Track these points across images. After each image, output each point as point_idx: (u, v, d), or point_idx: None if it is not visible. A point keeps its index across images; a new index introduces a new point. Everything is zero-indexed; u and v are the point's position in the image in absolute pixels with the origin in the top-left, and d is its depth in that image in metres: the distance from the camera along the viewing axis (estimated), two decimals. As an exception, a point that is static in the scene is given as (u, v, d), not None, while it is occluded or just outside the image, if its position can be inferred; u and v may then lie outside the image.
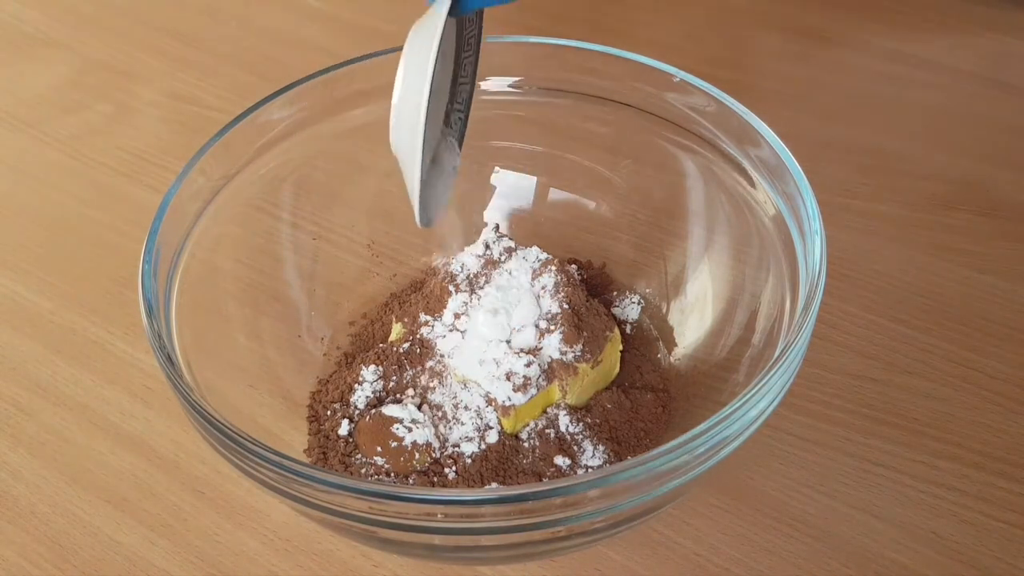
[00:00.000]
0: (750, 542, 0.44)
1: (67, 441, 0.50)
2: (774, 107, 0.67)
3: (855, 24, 0.75)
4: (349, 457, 0.44)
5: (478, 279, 0.47)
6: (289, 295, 0.51)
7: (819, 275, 0.38)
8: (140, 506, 0.47)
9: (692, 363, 0.49)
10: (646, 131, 0.50)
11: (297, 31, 0.78)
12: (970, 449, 0.47)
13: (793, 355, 0.36)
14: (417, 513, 0.33)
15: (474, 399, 0.45)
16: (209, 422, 0.35)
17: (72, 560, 0.45)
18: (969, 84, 0.69)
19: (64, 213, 0.63)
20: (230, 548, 0.45)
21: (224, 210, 0.46)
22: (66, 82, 0.74)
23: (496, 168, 0.55)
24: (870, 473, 0.46)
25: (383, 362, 0.47)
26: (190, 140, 0.46)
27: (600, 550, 0.44)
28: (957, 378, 0.50)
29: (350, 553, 0.44)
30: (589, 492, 0.33)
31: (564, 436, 0.44)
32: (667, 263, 0.52)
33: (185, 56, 0.76)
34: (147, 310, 0.39)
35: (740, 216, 0.47)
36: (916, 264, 0.56)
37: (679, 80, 0.47)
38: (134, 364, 0.53)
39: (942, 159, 0.63)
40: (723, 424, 0.34)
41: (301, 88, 0.48)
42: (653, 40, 0.74)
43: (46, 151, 0.68)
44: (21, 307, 0.57)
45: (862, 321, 0.53)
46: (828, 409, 0.49)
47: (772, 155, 0.44)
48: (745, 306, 0.47)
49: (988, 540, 0.44)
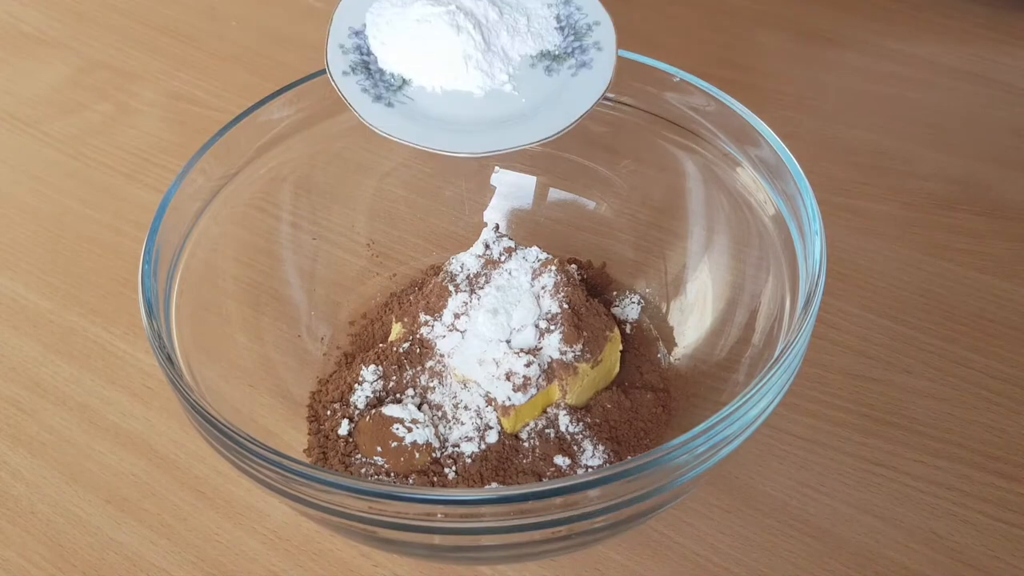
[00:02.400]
0: (750, 542, 0.44)
1: (67, 441, 0.50)
2: (774, 107, 0.67)
3: (855, 24, 0.75)
4: (349, 457, 0.44)
5: (478, 279, 0.47)
6: (289, 295, 0.51)
7: (819, 275, 0.38)
8: (140, 506, 0.47)
9: (692, 363, 0.49)
10: (646, 131, 0.50)
11: (297, 31, 0.78)
12: (970, 449, 0.47)
13: (793, 355, 0.36)
14: (417, 513, 0.33)
15: (474, 399, 0.45)
16: (209, 422, 0.35)
17: (72, 560, 0.45)
18: (969, 84, 0.69)
19: (64, 213, 0.63)
20: (230, 548, 0.45)
21: (224, 210, 0.46)
22: (66, 82, 0.74)
23: (496, 168, 0.55)
24: (870, 473, 0.46)
25: (383, 362, 0.47)
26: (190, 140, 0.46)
27: (600, 550, 0.44)
28: (957, 378, 0.50)
29: (350, 553, 0.44)
30: (589, 492, 0.33)
31: (564, 436, 0.44)
32: (667, 263, 0.52)
33: (185, 56, 0.76)
34: (147, 310, 0.39)
35: (740, 216, 0.47)
36: (916, 264, 0.56)
37: (679, 80, 0.47)
38: (134, 364, 0.53)
39: (942, 159, 0.63)
40: (723, 424, 0.34)
41: (301, 88, 0.48)
42: (653, 40, 0.74)
43: (46, 151, 0.68)
44: (21, 307, 0.57)
45: (862, 321, 0.53)
46: (828, 409, 0.49)
47: (772, 155, 0.44)
48: (745, 306, 0.47)
49: (988, 540, 0.44)
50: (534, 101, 0.41)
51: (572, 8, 0.43)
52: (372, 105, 0.40)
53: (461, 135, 0.40)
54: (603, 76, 0.42)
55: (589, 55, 0.42)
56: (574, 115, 0.41)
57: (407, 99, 0.41)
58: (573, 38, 0.43)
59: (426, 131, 0.40)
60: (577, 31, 0.43)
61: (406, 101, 0.41)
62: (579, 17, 0.43)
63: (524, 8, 0.43)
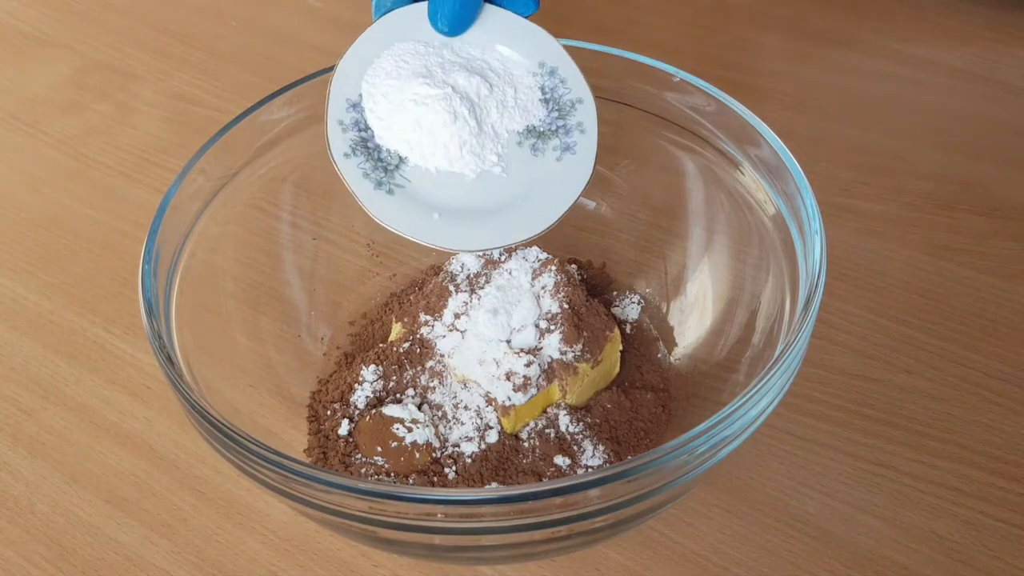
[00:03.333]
0: (750, 542, 0.44)
1: (67, 441, 0.50)
2: (774, 107, 0.67)
3: (855, 24, 0.75)
4: (349, 457, 0.44)
5: (478, 279, 0.47)
6: (289, 295, 0.51)
7: (819, 275, 0.38)
8: (140, 506, 0.47)
9: (692, 363, 0.49)
10: (646, 131, 0.50)
11: (297, 31, 0.78)
12: (970, 449, 0.47)
13: (793, 355, 0.36)
14: (417, 513, 0.33)
15: (474, 399, 0.45)
16: (209, 422, 0.35)
17: (72, 560, 0.45)
18: (969, 84, 0.69)
19: (64, 213, 0.63)
20: (230, 548, 0.45)
21: (224, 210, 0.46)
22: (66, 82, 0.74)
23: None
24: (870, 473, 0.46)
25: (383, 362, 0.47)
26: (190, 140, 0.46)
27: (600, 550, 0.44)
28: (957, 378, 0.50)
29: (350, 553, 0.44)
30: (589, 492, 0.33)
31: (564, 436, 0.44)
32: (667, 263, 0.52)
33: (185, 56, 0.76)
34: (147, 310, 0.39)
35: (740, 216, 0.47)
36: (916, 264, 0.56)
37: (679, 80, 0.47)
38: (134, 364, 0.53)
39: (942, 159, 0.63)
40: (723, 424, 0.34)
41: (301, 88, 0.48)
42: (653, 40, 0.74)
43: (46, 151, 0.68)
44: (21, 307, 0.57)
45: (862, 321, 0.53)
46: (828, 409, 0.49)
47: (772, 155, 0.44)
48: (745, 306, 0.47)
49: (988, 540, 0.44)
50: (521, 184, 0.43)
51: (556, 80, 0.45)
52: (374, 192, 0.42)
53: (460, 229, 0.42)
54: (587, 162, 0.44)
55: (573, 137, 0.44)
56: (562, 207, 0.43)
57: (405, 180, 0.42)
58: (557, 115, 0.44)
59: (427, 226, 0.42)
60: (561, 107, 0.44)
61: (404, 184, 0.42)
62: (563, 92, 0.44)
63: (512, 78, 0.44)
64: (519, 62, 0.44)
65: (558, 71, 0.45)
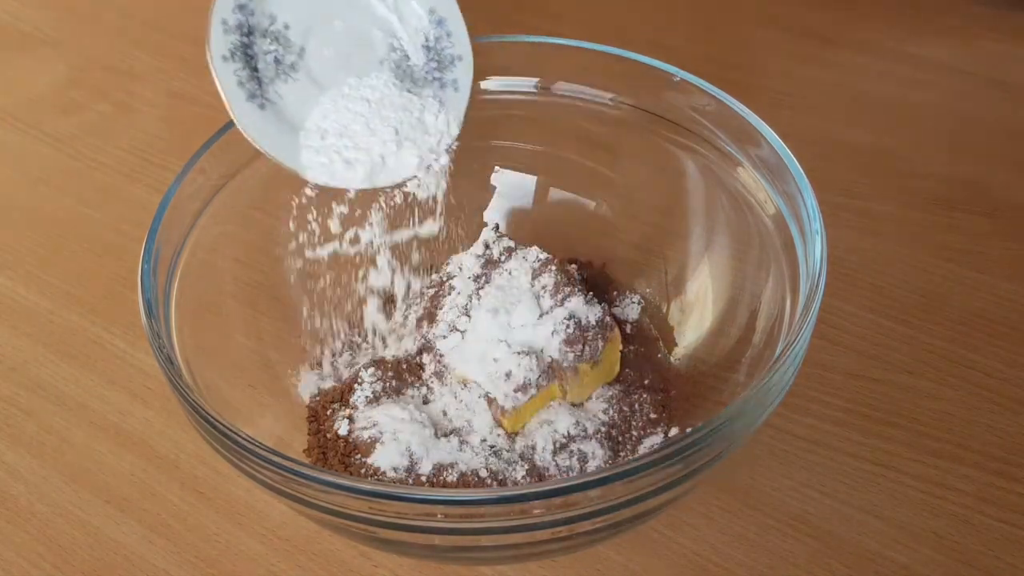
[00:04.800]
0: (750, 542, 0.44)
1: (67, 441, 0.50)
2: (774, 107, 0.67)
3: (855, 24, 0.75)
4: (349, 457, 0.44)
5: (478, 279, 0.47)
6: (289, 295, 0.51)
7: (819, 275, 0.38)
8: (140, 506, 0.47)
9: (692, 363, 0.49)
10: (646, 131, 0.50)
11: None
12: (970, 449, 0.47)
13: (793, 355, 0.36)
14: (417, 513, 0.33)
15: (474, 399, 0.45)
16: (209, 422, 0.35)
17: (72, 560, 0.45)
18: (969, 84, 0.69)
19: (64, 213, 0.63)
20: (230, 548, 0.45)
21: (224, 210, 0.46)
22: (66, 82, 0.74)
23: (496, 168, 0.55)
24: (870, 473, 0.46)
25: (383, 362, 0.47)
26: (190, 140, 0.46)
27: (600, 550, 0.44)
28: (957, 378, 0.50)
29: (350, 553, 0.44)
30: (589, 492, 0.33)
31: (564, 436, 0.44)
32: (667, 263, 0.52)
33: (185, 56, 0.75)
34: (147, 310, 0.39)
35: (740, 216, 0.47)
36: (916, 264, 0.56)
37: (679, 80, 0.47)
38: (134, 364, 0.53)
39: (942, 159, 0.63)
40: (723, 424, 0.34)
41: (301, 88, 0.48)
42: (653, 40, 0.74)
43: (46, 151, 0.68)
44: (21, 307, 0.57)
45: (862, 321, 0.53)
46: (828, 409, 0.49)
47: (772, 155, 0.44)
48: (745, 306, 0.47)
49: (988, 540, 0.44)
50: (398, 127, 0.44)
51: (443, 31, 0.45)
52: (246, 104, 0.42)
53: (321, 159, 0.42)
54: (454, 121, 0.45)
55: (447, 93, 0.45)
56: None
57: (278, 97, 0.42)
58: (436, 66, 0.45)
59: (292, 149, 0.42)
60: (441, 60, 0.45)
61: (276, 100, 0.42)
62: (446, 45, 0.45)
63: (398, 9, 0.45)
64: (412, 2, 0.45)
65: (446, 22, 0.45)
